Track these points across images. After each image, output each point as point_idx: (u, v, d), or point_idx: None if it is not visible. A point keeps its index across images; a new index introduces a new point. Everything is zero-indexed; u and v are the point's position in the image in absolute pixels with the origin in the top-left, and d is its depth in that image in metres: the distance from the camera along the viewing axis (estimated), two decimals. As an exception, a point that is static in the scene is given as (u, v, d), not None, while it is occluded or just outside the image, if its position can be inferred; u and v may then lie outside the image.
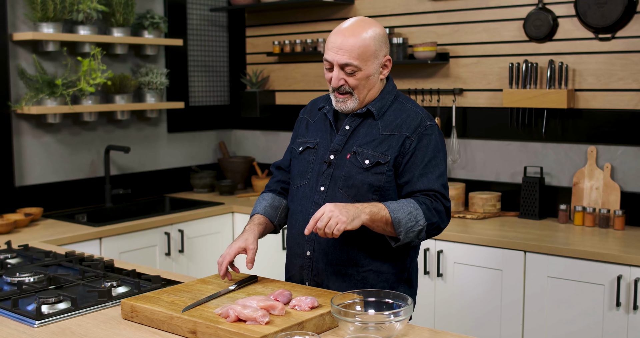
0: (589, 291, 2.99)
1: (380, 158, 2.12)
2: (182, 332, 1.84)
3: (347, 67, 2.09)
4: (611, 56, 3.42)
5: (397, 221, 2.01)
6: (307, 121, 2.34)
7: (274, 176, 2.46)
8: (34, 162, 3.81)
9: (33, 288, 2.25)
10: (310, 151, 2.25)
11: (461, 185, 3.80)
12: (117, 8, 3.97)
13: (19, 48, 3.71)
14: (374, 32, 2.10)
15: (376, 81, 2.16)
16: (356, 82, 2.11)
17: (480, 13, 3.79)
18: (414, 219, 2.02)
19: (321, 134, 2.25)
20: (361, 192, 2.13)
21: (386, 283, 2.20)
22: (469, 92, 3.88)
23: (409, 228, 2.02)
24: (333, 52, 2.09)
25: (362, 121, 2.19)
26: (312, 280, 2.23)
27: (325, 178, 2.18)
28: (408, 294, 2.23)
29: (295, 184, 2.28)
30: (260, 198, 2.40)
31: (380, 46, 2.11)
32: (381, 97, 2.19)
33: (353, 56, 2.07)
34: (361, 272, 2.18)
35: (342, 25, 2.12)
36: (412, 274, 2.28)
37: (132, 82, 4.09)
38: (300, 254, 2.25)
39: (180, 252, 3.82)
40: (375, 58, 2.11)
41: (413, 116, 2.17)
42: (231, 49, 4.89)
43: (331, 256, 2.18)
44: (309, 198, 2.22)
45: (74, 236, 3.32)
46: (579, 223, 3.45)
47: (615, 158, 3.45)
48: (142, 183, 4.36)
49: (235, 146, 4.95)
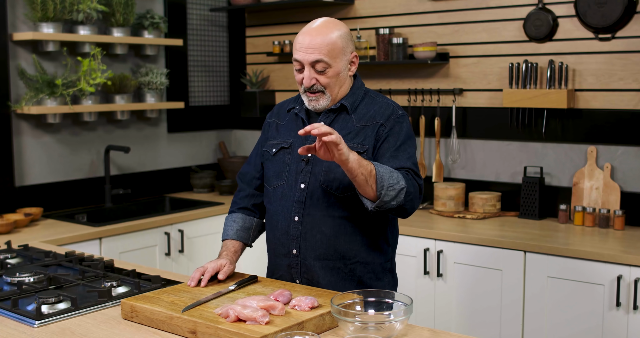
0: (589, 292, 2.99)
1: (358, 148, 2.16)
2: (182, 332, 1.84)
3: (317, 64, 2.14)
4: (611, 56, 3.43)
5: (380, 175, 2.00)
6: (277, 124, 2.36)
7: (241, 190, 2.44)
8: (34, 162, 3.81)
9: (33, 288, 2.25)
10: (285, 151, 2.27)
11: (461, 185, 3.80)
12: (117, 8, 3.97)
13: (19, 48, 3.71)
14: (340, 30, 2.17)
15: (346, 77, 2.22)
16: (327, 80, 2.16)
17: (480, 13, 3.79)
18: (395, 179, 2.03)
19: (294, 133, 2.27)
20: (343, 184, 2.16)
21: (373, 274, 2.24)
22: (469, 92, 3.88)
23: (390, 185, 2.01)
24: (302, 51, 2.14)
25: (336, 116, 2.23)
26: (302, 278, 2.25)
27: (304, 175, 2.21)
28: (392, 284, 2.32)
29: (271, 185, 2.29)
30: (230, 219, 2.39)
31: (346, 43, 2.18)
32: (352, 93, 2.25)
33: (323, 53, 2.12)
34: (349, 265, 2.21)
35: (309, 26, 2.17)
36: (393, 263, 2.34)
37: (132, 82, 4.09)
38: (285, 253, 2.26)
39: (180, 252, 3.82)
40: (343, 55, 2.17)
41: (385, 107, 2.24)
42: (231, 49, 4.89)
43: (318, 251, 2.20)
44: (288, 197, 2.23)
45: (73, 236, 3.32)
46: (579, 223, 3.45)
47: (615, 158, 3.45)
48: (142, 183, 4.36)
49: (235, 146, 4.95)
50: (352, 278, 2.22)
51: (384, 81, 4.17)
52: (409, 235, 3.44)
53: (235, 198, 2.45)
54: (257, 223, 2.40)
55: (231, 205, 2.44)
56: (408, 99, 4.05)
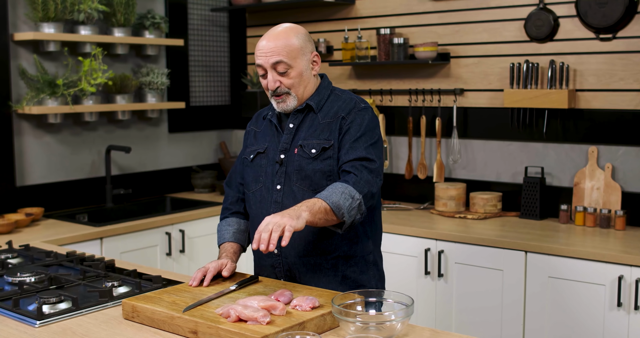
0: (590, 292, 2.99)
1: (324, 143, 2.21)
2: (183, 332, 1.84)
3: (278, 65, 2.18)
4: (612, 56, 3.42)
5: (336, 205, 2.03)
6: (255, 131, 2.41)
7: (229, 196, 2.47)
8: (35, 162, 3.82)
9: (34, 288, 2.25)
10: (261, 156, 2.32)
11: (462, 185, 3.80)
12: (118, 8, 3.97)
13: (20, 48, 3.71)
14: (296, 32, 2.22)
15: (309, 77, 2.25)
16: (290, 81, 2.21)
17: (481, 13, 3.79)
18: (349, 196, 2.06)
19: (269, 138, 2.32)
20: (315, 181, 2.19)
21: (356, 267, 2.27)
22: (470, 93, 3.88)
23: (349, 206, 2.05)
24: (263, 56, 2.20)
25: (304, 116, 2.28)
26: (286, 276, 2.28)
27: (279, 176, 2.25)
28: (377, 277, 2.34)
29: (250, 189, 2.33)
30: (225, 224, 2.41)
31: (304, 43, 2.22)
32: (318, 92, 2.29)
33: (282, 54, 2.17)
34: (330, 260, 2.24)
35: (267, 33, 2.23)
36: (377, 255, 2.35)
37: (133, 82, 4.09)
38: (268, 254, 2.28)
39: (181, 252, 3.82)
40: (302, 54, 2.21)
41: (348, 101, 2.28)
42: (232, 49, 4.89)
43: (298, 248, 2.23)
44: (266, 199, 2.27)
45: (74, 236, 3.32)
46: (580, 223, 3.45)
47: (616, 158, 3.45)
48: (143, 183, 4.36)
49: (236, 146, 4.95)
50: (335, 273, 2.25)
51: (385, 81, 4.17)
52: (409, 235, 3.44)
53: (224, 204, 2.48)
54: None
55: (222, 212, 2.48)
56: (409, 99, 4.05)
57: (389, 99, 4.15)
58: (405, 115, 4.10)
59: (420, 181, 4.09)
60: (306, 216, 1.98)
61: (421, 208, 3.95)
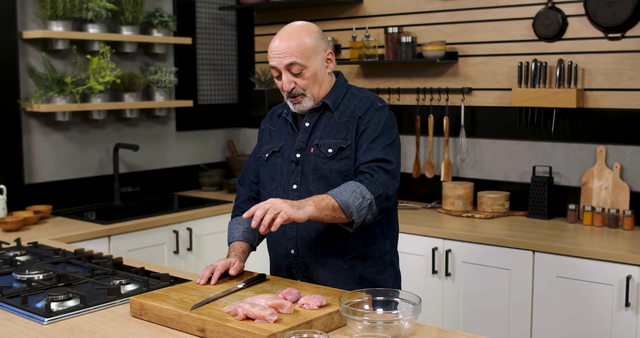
0: (597, 292, 2.98)
1: (341, 143, 2.19)
2: (191, 329, 1.84)
3: (292, 67, 2.16)
4: (621, 56, 3.41)
5: (345, 203, 2.02)
6: (269, 130, 2.39)
7: (241, 194, 2.46)
8: (43, 160, 3.83)
9: (42, 285, 2.26)
10: (276, 155, 2.30)
11: (470, 184, 3.79)
12: (127, 6, 3.97)
13: (29, 46, 3.72)
14: (308, 30, 2.19)
15: (324, 75, 2.23)
16: (305, 82, 2.19)
17: (489, 12, 3.78)
18: (359, 196, 2.04)
19: (284, 137, 2.30)
20: (332, 181, 2.18)
21: (373, 268, 2.25)
22: (478, 92, 3.87)
23: (358, 205, 2.04)
24: (276, 58, 2.17)
25: (320, 115, 2.26)
26: (303, 277, 2.26)
27: (295, 176, 2.23)
28: (394, 277, 2.32)
29: (265, 189, 2.32)
30: (235, 222, 2.40)
31: (317, 41, 2.19)
32: (334, 91, 2.27)
33: (295, 55, 2.15)
34: (347, 260, 2.22)
35: (279, 33, 2.20)
36: (393, 256, 2.33)
37: (141, 80, 4.10)
38: (284, 254, 2.28)
39: (188, 250, 3.83)
40: (316, 54, 2.19)
41: (364, 100, 2.25)
42: (240, 47, 4.89)
43: (315, 249, 2.22)
44: (282, 198, 2.24)
45: (82, 233, 3.33)
46: (587, 223, 3.44)
47: (624, 158, 3.44)
48: (150, 181, 4.37)
49: (244, 145, 4.95)
50: (353, 274, 2.23)
51: (393, 80, 4.16)
52: (417, 234, 3.44)
53: (236, 202, 2.48)
54: None
55: (233, 210, 2.47)
56: (417, 98, 4.05)
57: (396, 98, 4.15)
58: (413, 114, 4.10)
59: (427, 180, 4.08)
60: (311, 210, 1.97)
61: (429, 207, 3.95)
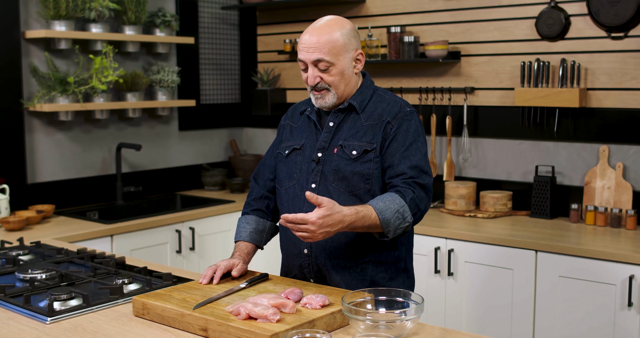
0: (600, 291, 2.98)
1: (366, 146, 2.17)
2: (193, 329, 1.85)
3: (319, 63, 2.14)
4: (624, 55, 3.41)
5: (386, 222, 2.04)
6: (290, 126, 2.37)
7: (254, 191, 2.43)
8: (46, 159, 3.83)
9: (45, 284, 2.26)
10: (297, 152, 2.28)
11: (472, 184, 3.79)
12: (129, 6, 3.98)
13: (32, 46, 3.73)
14: (342, 27, 2.16)
15: (351, 75, 2.20)
16: (331, 78, 2.16)
17: (492, 11, 3.78)
18: (401, 216, 2.06)
19: (306, 135, 2.28)
20: (352, 183, 2.17)
21: (385, 273, 2.24)
22: (481, 91, 3.87)
23: (397, 225, 2.06)
24: (304, 51, 2.15)
25: (344, 116, 2.24)
26: (315, 277, 2.25)
27: (315, 175, 2.21)
28: (407, 284, 2.30)
29: (283, 186, 2.30)
30: (244, 221, 2.38)
31: (349, 40, 2.16)
32: (360, 92, 2.24)
33: (324, 52, 2.12)
34: (360, 263, 2.21)
35: (312, 25, 2.17)
36: (408, 263, 2.32)
37: (144, 80, 4.10)
38: (297, 254, 2.26)
39: (191, 250, 3.83)
40: (345, 52, 2.16)
41: (392, 104, 2.23)
42: (242, 47, 4.89)
43: (329, 250, 2.20)
44: (299, 196, 2.23)
45: (85, 233, 3.33)
46: (590, 222, 3.44)
47: (627, 158, 3.43)
48: (153, 181, 4.37)
49: (247, 144, 4.95)
50: (364, 277, 2.22)
51: (395, 79, 4.16)
52: (420, 234, 3.44)
53: (248, 199, 2.44)
54: (270, 226, 2.40)
55: (244, 206, 2.44)
56: (419, 98, 4.05)
57: (399, 97, 4.14)
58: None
59: (430, 180, 4.07)
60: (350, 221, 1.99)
61: (431, 206, 3.94)
